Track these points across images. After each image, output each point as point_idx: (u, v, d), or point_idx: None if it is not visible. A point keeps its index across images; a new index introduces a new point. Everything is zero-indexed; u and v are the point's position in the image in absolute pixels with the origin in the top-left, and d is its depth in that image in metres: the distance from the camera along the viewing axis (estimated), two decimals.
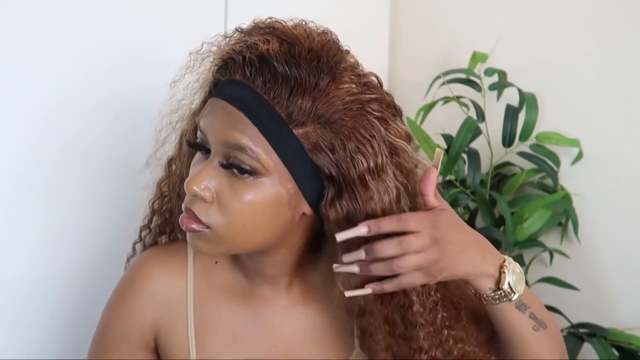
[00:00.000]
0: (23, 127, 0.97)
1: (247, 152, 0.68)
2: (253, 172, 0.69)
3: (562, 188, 1.31)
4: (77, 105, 1.01)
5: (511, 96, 1.34)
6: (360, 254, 0.69)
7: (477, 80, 1.35)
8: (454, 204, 1.31)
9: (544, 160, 1.30)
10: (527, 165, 1.34)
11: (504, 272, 0.73)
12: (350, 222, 0.70)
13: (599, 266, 1.30)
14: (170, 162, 0.84)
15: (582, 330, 1.22)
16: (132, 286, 0.83)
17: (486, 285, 0.73)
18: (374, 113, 0.70)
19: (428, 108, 1.36)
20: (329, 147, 0.69)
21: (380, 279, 0.70)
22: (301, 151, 0.69)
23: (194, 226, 0.71)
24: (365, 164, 0.69)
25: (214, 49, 0.76)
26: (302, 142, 0.68)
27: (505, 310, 0.74)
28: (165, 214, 0.86)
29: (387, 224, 0.68)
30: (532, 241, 1.27)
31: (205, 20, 1.16)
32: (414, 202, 0.73)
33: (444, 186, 1.30)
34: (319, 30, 0.74)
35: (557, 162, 1.30)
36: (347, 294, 0.72)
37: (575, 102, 1.34)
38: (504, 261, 0.74)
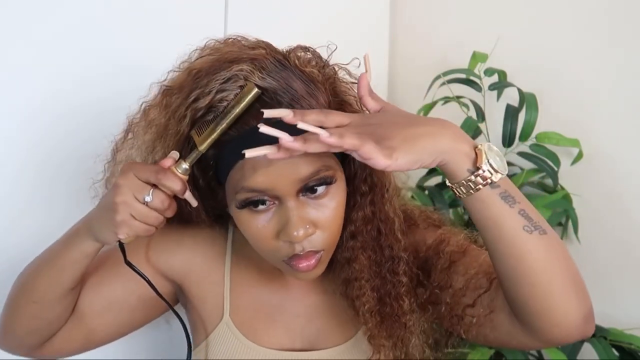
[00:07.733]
0: (14, 129, 0.97)
1: (322, 170, 0.70)
2: (330, 182, 0.71)
3: (562, 188, 1.31)
4: (75, 106, 1.01)
5: (511, 96, 1.34)
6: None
7: (477, 80, 1.35)
8: (454, 204, 1.31)
9: (544, 160, 1.30)
10: (527, 165, 1.33)
11: (480, 150, 0.65)
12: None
13: (599, 266, 1.30)
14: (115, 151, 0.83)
15: None
16: (185, 229, 0.87)
17: (464, 166, 0.64)
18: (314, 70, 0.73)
19: (428, 108, 1.36)
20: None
21: None
22: None
23: (314, 260, 0.73)
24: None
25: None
26: None
27: (488, 202, 0.65)
28: None
29: (312, 116, 0.64)
30: None
31: (205, 25, 1.16)
32: None
33: (444, 187, 1.30)
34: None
35: (557, 162, 1.29)
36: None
37: (575, 102, 1.34)
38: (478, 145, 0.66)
